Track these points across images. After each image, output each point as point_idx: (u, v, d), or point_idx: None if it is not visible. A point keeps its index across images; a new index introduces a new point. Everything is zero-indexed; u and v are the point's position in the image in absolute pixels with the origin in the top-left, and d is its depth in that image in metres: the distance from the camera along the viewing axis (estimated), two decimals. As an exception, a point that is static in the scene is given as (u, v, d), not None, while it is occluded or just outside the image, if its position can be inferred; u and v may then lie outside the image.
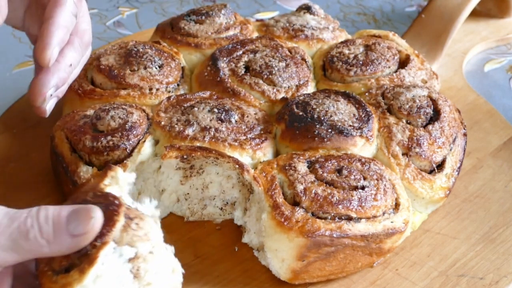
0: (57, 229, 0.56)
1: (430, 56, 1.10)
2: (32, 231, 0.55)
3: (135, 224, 0.59)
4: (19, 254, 0.56)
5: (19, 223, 0.55)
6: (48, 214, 0.56)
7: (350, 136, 0.83)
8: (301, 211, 0.75)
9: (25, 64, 1.16)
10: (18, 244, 0.55)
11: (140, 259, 0.58)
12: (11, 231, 0.55)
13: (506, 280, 0.79)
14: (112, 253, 0.57)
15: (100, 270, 0.56)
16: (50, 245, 0.56)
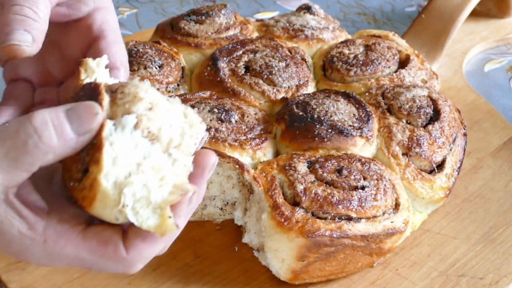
0: (59, 131, 0.53)
1: (430, 56, 1.10)
2: (30, 142, 0.52)
3: (120, 93, 0.56)
4: (23, 169, 0.53)
5: (12, 140, 0.52)
6: (45, 118, 0.53)
7: (350, 136, 0.83)
8: (301, 211, 0.75)
9: (25, 64, 1.16)
10: (19, 160, 0.52)
11: (144, 120, 0.55)
12: (6, 150, 0.52)
13: (506, 280, 0.79)
14: (115, 130, 0.54)
15: (113, 152, 0.53)
16: (55, 150, 0.53)
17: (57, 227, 0.55)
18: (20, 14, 0.60)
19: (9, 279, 0.78)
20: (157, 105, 0.56)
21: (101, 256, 0.55)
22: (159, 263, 0.80)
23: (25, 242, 0.54)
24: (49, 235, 0.54)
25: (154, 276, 0.79)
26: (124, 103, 0.55)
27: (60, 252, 0.55)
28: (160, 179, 0.54)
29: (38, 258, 0.55)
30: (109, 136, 0.54)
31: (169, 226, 0.54)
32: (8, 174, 0.52)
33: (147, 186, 0.54)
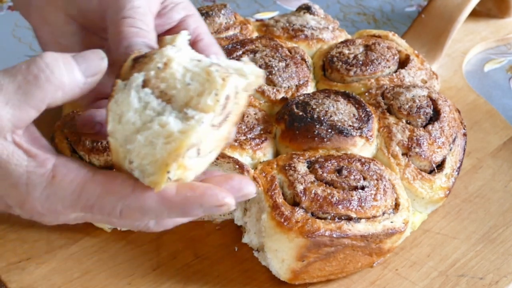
0: (69, 69, 0.54)
1: (430, 56, 1.09)
2: (41, 75, 0.53)
3: (143, 57, 0.55)
4: (33, 106, 0.53)
5: (23, 74, 0.53)
6: (55, 56, 0.54)
7: (350, 136, 0.83)
8: (301, 211, 0.75)
9: (25, 64, 1.16)
10: (30, 95, 0.53)
11: (153, 80, 0.54)
12: (18, 85, 0.52)
13: (506, 280, 0.79)
14: (123, 89, 0.54)
15: (118, 109, 0.53)
16: (64, 88, 0.53)
17: (67, 164, 0.55)
18: (134, 27, 0.60)
19: (9, 279, 0.78)
20: (171, 65, 0.54)
21: (106, 190, 0.55)
22: (159, 263, 0.80)
23: (32, 181, 0.53)
24: (59, 170, 0.54)
25: (154, 276, 0.79)
26: (139, 66, 0.55)
27: (67, 188, 0.54)
28: (167, 136, 0.53)
29: (43, 200, 0.54)
30: (116, 95, 0.54)
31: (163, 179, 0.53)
32: (19, 110, 0.53)
33: (152, 143, 0.53)
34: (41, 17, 0.68)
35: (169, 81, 0.54)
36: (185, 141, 0.53)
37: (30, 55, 1.18)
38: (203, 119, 0.53)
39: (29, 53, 1.19)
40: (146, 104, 0.54)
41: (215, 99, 0.54)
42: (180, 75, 0.54)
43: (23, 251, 0.81)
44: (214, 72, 0.54)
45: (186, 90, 0.54)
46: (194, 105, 0.54)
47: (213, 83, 0.54)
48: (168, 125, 0.53)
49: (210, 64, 0.55)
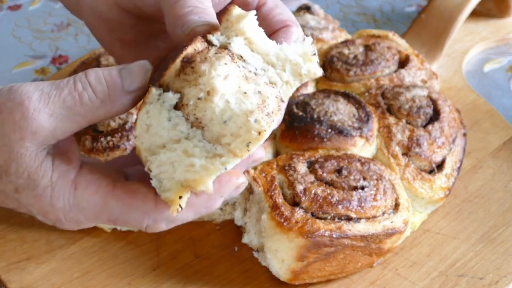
0: (111, 87, 0.54)
1: (430, 56, 1.09)
2: (85, 93, 0.53)
3: (191, 68, 0.53)
4: (74, 121, 0.54)
5: (69, 89, 0.53)
6: (98, 74, 0.54)
7: (350, 136, 0.83)
8: (300, 212, 0.75)
9: (25, 64, 1.16)
10: (73, 111, 0.53)
11: (190, 107, 0.53)
12: (64, 99, 0.53)
13: (506, 280, 0.79)
14: (156, 101, 0.53)
15: (147, 120, 0.53)
16: (106, 105, 0.54)
17: (88, 176, 0.55)
18: (188, 6, 0.59)
19: (9, 279, 0.78)
20: (213, 98, 0.52)
21: (130, 206, 0.55)
22: (159, 263, 0.80)
23: (56, 192, 0.54)
24: (80, 182, 0.55)
25: (154, 276, 0.79)
26: (184, 79, 0.53)
27: (89, 199, 0.55)
28: (189, 165, 0.52)
29: (66, 211, 0.55)
30: (149, 104, 0.53)
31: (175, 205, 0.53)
32: (61, 123, 0.53)
33: (173, 165, 0.53)
34: (95, 15, 0.67)
35: (206, 113, 0.53)
36: (205, 178, 0.52)
37: (30, 55, 1.18)
38: (228, 165, 0.53)
39: (29, 53, 1.19)
40: (176, 125, 0.53)
41: (245, 149, 0.53)
42: (219, 111, 0.53)
43: (23, 251, 0.81)
44: (252, 124, 0.53)
45: (221, 127, 0.53)
46: (225, 143, 0.53)
47: (248, 134, 0.53)
48: (192, 156, 0.53)
49: (252, 110, 0.53)
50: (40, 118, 0.52)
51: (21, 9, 1.30)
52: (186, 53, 0.54)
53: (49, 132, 0.53)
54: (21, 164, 0.53)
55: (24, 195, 0.54)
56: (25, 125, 0.52)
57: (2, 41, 1.22)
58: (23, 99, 0.52)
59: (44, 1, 1.31)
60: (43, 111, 0.52)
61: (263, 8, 0.63)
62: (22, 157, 0.53)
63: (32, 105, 0.52)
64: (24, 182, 0.53)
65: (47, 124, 0.53)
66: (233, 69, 0.54)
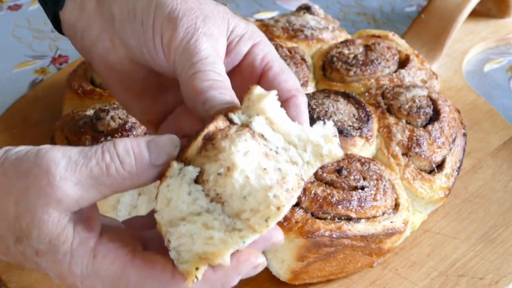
0: (138, 160, 0.54)
1: (430, 56, 1.09)
2: (112, 165, 0.53)
3: (212, 144, 0.54)
4: (99, 191, 0.53)
5: (96, 159, 0.53)
6: (127, 146, 0.54)
7: (350, 136, 0.83)
8: (300, 212, 0.75)
9: (25, 64, 1.16)
10: (99, 181, 0.53)
11: (211, 182, 0.53)
12: (90, 168, 0.53)
13: (506, 280, 0.79)
14: (178, 175, 0.54)
15: (168, 194, 0.53)
16: (132, 177, 0.54)
17: (108, 244, 0.55)
18: (207, 80, 0.59)
19: (9, 279, 0.78)
20: (233, 174, 0.53)
21: (147, 276, 0.55)
22: (159, 263, 0.80)
23: (75, 258, 0.54)
24: (100, 250, 0.54)
25: (154, 276, 0.79)
26: (204, 156, 0.54)
27: (108, 268, 0.54)
28: (208, 238, 0.53)
29: (84, 277, 0.55)
30: (169, 178, 0.54)
31: (191, 277, 0.53)
32: (86, 192, 0.53)
33: (192, 237, 0.53)
34: (106, 65, 0.68)
35: (226, 188, 0.53)
36: (223, 251, 0.53)
37: (30, 55, 1.18)
38: (247, 239, 0.53)
39: (29, 53, 1.19)
40: (195, 200, 0.54)
41: (264, 225, 0.53)
42: (239, 186, 0.53)
43: (23, 251, 0.81)
44: (271, 199, 0.53)
45: (241, 202, 0.53)
46: (244, 219, 0.53)
47: (267, 210, 0.53)
48: (212, 229, 0.53)
49: (272, 185, 0.53)
50: (66, 186, 0.52)
51: (21, 9, 1.30)
52: (208, 131, 0.55)
53: (73, 201, 0.53)
54: (43, 230, 0.53)
55: (44, 259, 0.54)
56: (50, 192, 0.52)
57: (2, 41, 1.22)
58: (50, 166, 0.52)
59: (44, 1, 1.31)
60: (69, 180, 0.52)
61: (269, 73, 0.63)
62: (44, 223, 0.53)
63: (59, 172, 0.52)
64: (45, 247, 0.53)
65: (72, 192, 0.52)
66: (254, 145, 0.54)
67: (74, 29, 0.69)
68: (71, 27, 0.70)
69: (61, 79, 1.05)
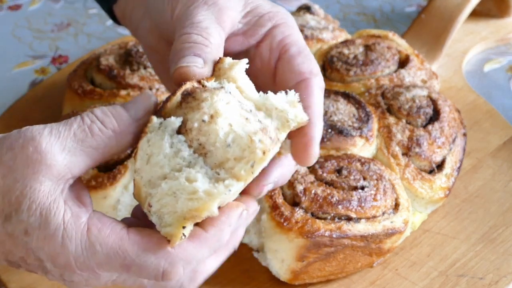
0: (118, 118, 0.54)
1: (430, 56, 1.09)
2: (94, 126, 0.53)
3: (192, 97, 0.54)
4: (89, 155, 0.53)
5: (78, 123, 0.53)
6: (103, 109, 0.55)
7: (350, 136, 0.83)
8: (300, 212, 0.75)
9: (25, 64, 1.16)
10: (85, 143, 0.53)
11: (194, 131, 0.53)
12: (74, 132, 0.53)
13: (506, 280, 0.79)
14: (158, 129, 0.53)
15: (149, 149, 0.53)
16: (117, 135, 0.54)
17: (101, 218, 0.54)
18: (188, 42, 0.59)
19: (9, 279, 0.78)
20: (217, 120, 0.53)
21: (145, 249, 0.53)
22: (159, 263, 0.80)
23: (68, 232, 0.52)
24: (93, 223, 0.53)
25: (154, 276, 0.79)
26: (186, 107, 0.54)
27: (103, 242, 0.53)
28: (192, 193, 0.52)
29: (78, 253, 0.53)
30: (150, 133, 0.53)
31: (177, 237, 0.52)
32: (75, 157, 0.53)
33: (175, 195, 0.52)
34: (147, 45, 0.70)
35: (210, 136, 0.53)
36: (208, 203, 0.52)
37: (30, 55, 1.18)
38: (232, 187, 0.53)
39: (29, 53, 1.19)
40: (178, 152, 0.53)
41: (250, 170, 0.53)
42: (223, 133, 0.53)
43: (23, 251, 0.81)
44: (256, 143, 0.53)
45: (224, 150, 0.53)
46: (228, 168, 0.53)
47: (253, 154, 0.53)
48: (195, 182, 0.52)
49: (256, 131, 0.53)
50: (53, 151, 0.52)
51: (21, 9, 1.30)
52: (186, 88, 0.55)
53: (63, 166, 0.52)
54: (34, 200, 0.52)
55: (35, 236, 0.53)
56: (39, 158, 0.52)
57: (2, 41, 1.22)
58: (34, 135, 0.52)
59: (44, 1, 1.31)
60: (55, 145, 0.52)
61: (285, 55, 0.63)
62: (35, 192, 0.52)
63: (44, 139, 0.52)
64: (35, 220, 0.52)
65: (60, 158, 0.52)
66: (232, 99, 0.55)
67: (125, 17, 0.73)
68: (122, 15, 0.73)
69: (61, 79, 1.05)
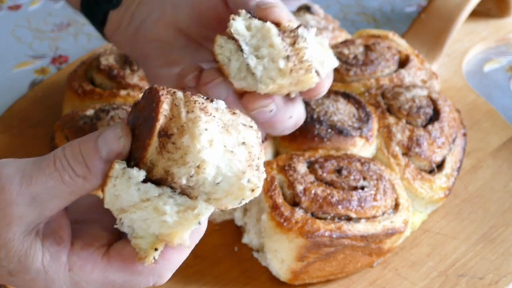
0: (90, 162, 0.52)
1: (430, 56, 1.09)
2: (65, 173, 0.52)
3: (172, 144, 0.51)
4: (62, 198, 0.53)
5: (49, 170, 0.52)
6: (74, 150, 0.53)
7: (350, 136, 0.83)
8: (300, 212, 0.75)
9: (25, 64, 1.16)
10: (57, 190, 0.52)
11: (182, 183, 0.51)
12: (45, 180, 0.52)
13: (506, 280, 0.79)
14: (122, 176, 0.52)
15: (116, 191, 0.52)
16: (88, 179, 0.52)
17: (81, 254, 0.54)
18: None
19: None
20: (205, 170, 0.51)
21: (131, 273, 0.54)
22: (159, 263, 0.80)
23: (50, 275, 0.53)
24: (74, 262, 0.54)
25: (154, 276, 0.79)
26: (169, 159, 0.51)
27: (88, 278, 0.54)
28: (162, 222, 0.52)
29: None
30: (114, 178, 0.52)
31: (149, 258, 0.53)
32: (49, 203, 0.52)
33: (146, 222, 0.52)
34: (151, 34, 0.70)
35: (198, 183, 0.52)
36: (181, 233, 0.52)
37: (30, 55, 1.18)
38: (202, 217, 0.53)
39: (29, 53, 1.19)
40: (146, 192, 0.52)
41: (238, 204, 0.53)
42: (212, 177, 0.51)
43: (23, 251, 0.81)
44: (245, 185, 0.52)
45: (213, 188, 0.52)
46: (214, 198, 0.53)
47: (241, 192, 0.52)
48: (163, 215, 0.52)
49: (244, 169, 0.52)
50: (23, 202, 0.51)
51: (21, 9, 1.30)
52: (160, 126, 0.52)
53: (35, 214, 0.52)
54: (10, 249, 0.52)
55: (20, 278, 0.53)
56: (9, 211, 0.51)
57: (2, 41, 1.22)
58: (4, 184, 0.52)
59: (44, 1, 1.31)
60: (26, 195, 0.52)
61: None
62: (10, 242, 0.52)
63: (15, 189, 0.52)
64: (15, 266, 0.53)
65: (31, 207, 0.52)
66: (212, 127, 0.52)
67: (121, 20, 0.72)
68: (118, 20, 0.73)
69: (61, 79, 1.05)
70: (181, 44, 0.71)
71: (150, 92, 0.53)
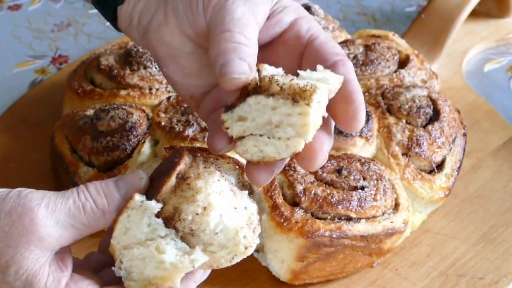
0: (109, 198, 0.58)
1: (430, 56, 1.09)
2: (87, 204, 0.57)
3: (187, 184, 0.57)
4: (78, 230, 0.57)
5: (73, 198, 0.57)
6: (97, 187, 0.58)
7: (350, 136, 0.83)
8: (300, 212, 0.75)
9: (25, 64, 1.16)
10: (76, 219, 0.56)
11: (188, 221, 0.56)
12: (69, 207, 0.56)
13: (506, 280, 0.79)
14: (138, 207, 0.57)
15: (128, 224, 0.56)
16: (106, 215, 0.57)
17: (78, 282, 0.58)
18: (232, 41, 0.59)
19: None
20: (210, 213, 0.56)
21: None
22: (159, 263, 0.80)
23: None
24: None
25: (154, 276, 0.79)
26: (181, 196, 0.57)
27: None
28: (159, 262, 0.56)
29: None
30: (131, 209, 0.57)
31: None
32: (66, 231, 0.56)
33: (145, 261, 0.56)
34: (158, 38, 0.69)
35: (201, 225, 0.56)
36: (173, 275, 0.56)
37: (30, 55, 1.18)
38: (197, 263, 0.56)
39: (29, 53, 1.19)
40: (154, 230, 0.56)
41: (229, 260, 0.57)
42: (214, 224, 0.56)
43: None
44: (241, 239, 0.57)
45: (211, 237, 0.57)
46: (209, 250, 0.57)
47: (236, 247, 0.57)
48: (163, 254, 0.56)
49: (242, 226, 0.57)
50: (48, 225, 0.55)
51: (21, 9, 1.30)
52: (180, 169, 0.58)
53: (54, 239, 0.56)
54: (21, 266, 0.55)
55: None
56: (33, 230, 0.55)
57: (2, 41, 1.22)
58: (32, 206, 0.55)
59: (44, 1, 1.31)
60: (50, 218, 0.56)
61: (315, 42, 0.63)
62: (24, 259, 0.55)
63: (41, 212, 0.55)
64: (20, 283, 0.56)
65: (53, 231, 0.56)
66: (224, 185, 0.59)
67: (131, 17, 0.72)
68: (128, 17, 0.72)
69: (61, 79, 1.05)
70: (189, 50, 0.68)
71: (172, 148, 0.63)
